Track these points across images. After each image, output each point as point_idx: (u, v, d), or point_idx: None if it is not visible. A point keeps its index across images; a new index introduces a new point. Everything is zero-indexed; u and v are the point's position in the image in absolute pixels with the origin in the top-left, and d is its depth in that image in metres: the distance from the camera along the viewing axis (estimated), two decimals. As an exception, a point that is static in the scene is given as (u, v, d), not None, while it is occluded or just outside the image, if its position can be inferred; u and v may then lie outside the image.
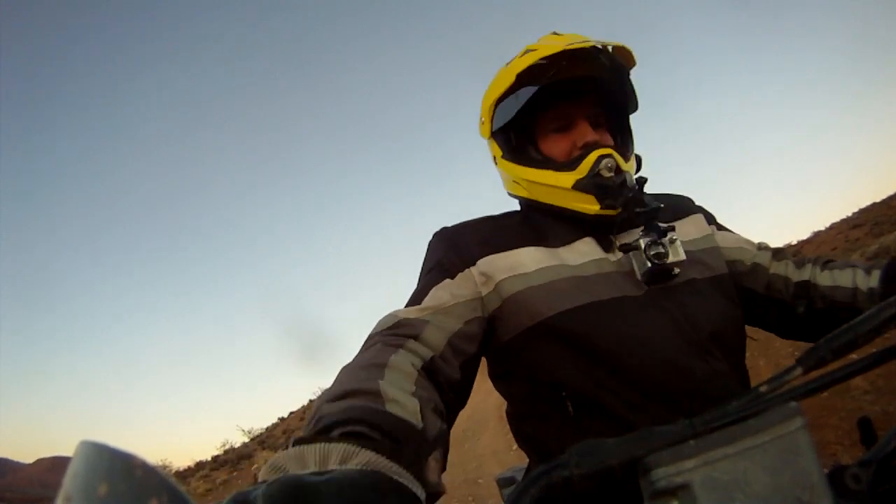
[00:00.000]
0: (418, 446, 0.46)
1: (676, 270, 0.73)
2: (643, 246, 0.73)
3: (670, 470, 0.32)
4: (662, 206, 0.75)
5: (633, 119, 0.89)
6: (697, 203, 0.96)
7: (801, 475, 0.32)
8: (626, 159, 0.81)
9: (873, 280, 0.73)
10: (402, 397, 0.50)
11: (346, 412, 0.45)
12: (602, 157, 0.77)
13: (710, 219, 0.93)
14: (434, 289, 0.75)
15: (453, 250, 0.80)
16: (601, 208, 0.77)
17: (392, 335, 0.64)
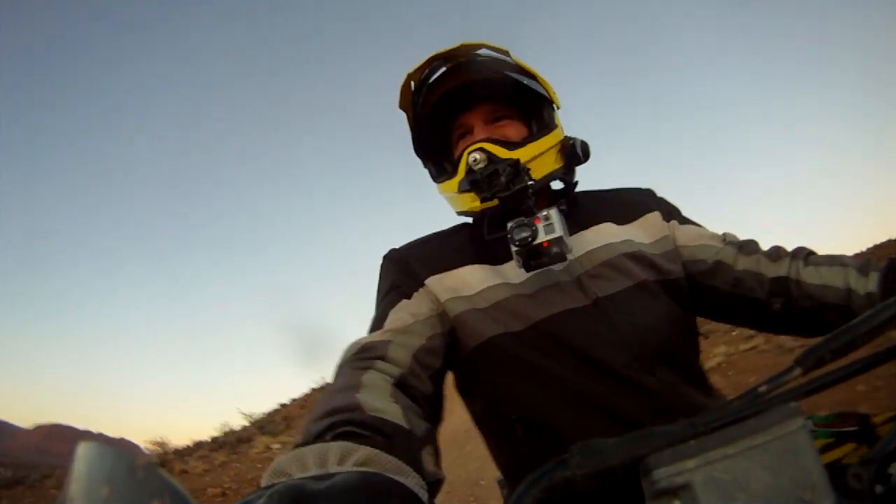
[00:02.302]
0: (409, 442, 0.47)
1: (555, 249, 0.70)
2: (507, 230, 0.71)
3: (671, 470, 0.32)
4: (532, 183, 0.73)
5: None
6: (659, 196, 0.92)
7: (802, 475, 0.32)
8: (517, 145, 0.78)
9: (871, 283, 0.66)
10: (383, 405, 0.52)
11: (332, 422, 0.46)
12: (470, 153, 0.76)
13: (670, 213, 0.88)
14: (392, 311, 0.74)
15: (405, 272, 0.80)
16: (481, 202, 0.77)
17: (358, 359, 0.64)
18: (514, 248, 0.70)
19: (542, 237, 0.69)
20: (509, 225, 0.71)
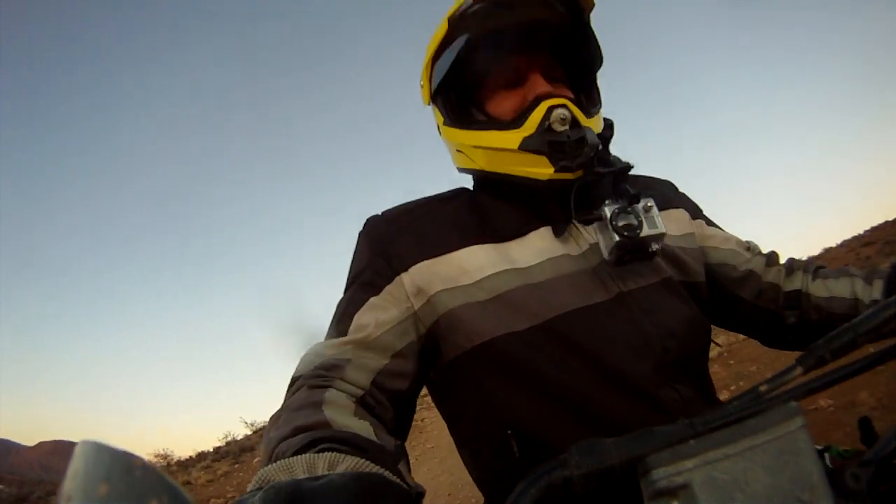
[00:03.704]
0: (385, 456, 0.45)
1: (655, 247, 0.62)
2: (608, 216, 0.60)
3: (670, 470, 0.32)
4: (632, 164, 0.65)
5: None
6: (681, 191, 0.85)
7: (801, 475, 0.32)
8: (591, 114, 0.68)
9: (876, 291, 0.66)
10: (352, 422, 0.49)
11: (307, 440, 0.43)
12: (553, 107, 0.63)
13: (696, 212, 0.82)
14: (358, 314, 0.64)
15: (382, 254, 0.68)
16: (555, 171, 0.63)
17: (317, 376, 0.58)
18: (615, 238, 0.60)
19: (646, 231, 0.60)
20: (609, 210, 0.61)
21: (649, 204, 0.62)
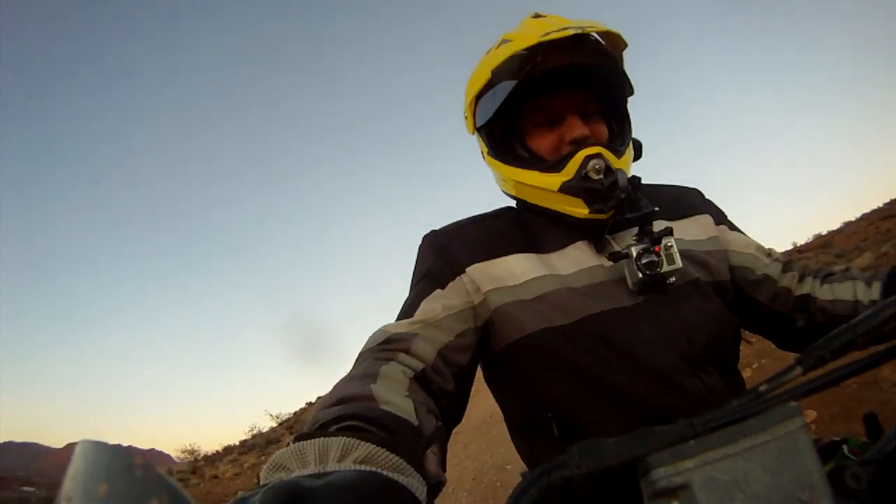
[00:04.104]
0: (414, 439, 0.47)
1: (672, 279, 0.70)
2: (634, 255, 0.69)
3: (670, 470, 0.32)
4: (657, 209, 0.72)
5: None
6: (707, 197, 0.91)
7: (801, 475, 0.32)
8: (620, 153, 0.76)
9: (874, 292, 0.70)
10: (396, 399, 0.51)
11: (341, 412, 0.46)
12: (590, 157, 0.72)
13: (720, 217, 0.88)
14: (425, 301, 0.72)
15: (443, 258, 0.77)
16: (590, 212, 0.73)
17: (382, 349, 0.63)
18: (639, 274, 0.69)
19: (665, 267, 0.69)
20: (635, 250, 0.69)
21: (669, 244, 0.70)
